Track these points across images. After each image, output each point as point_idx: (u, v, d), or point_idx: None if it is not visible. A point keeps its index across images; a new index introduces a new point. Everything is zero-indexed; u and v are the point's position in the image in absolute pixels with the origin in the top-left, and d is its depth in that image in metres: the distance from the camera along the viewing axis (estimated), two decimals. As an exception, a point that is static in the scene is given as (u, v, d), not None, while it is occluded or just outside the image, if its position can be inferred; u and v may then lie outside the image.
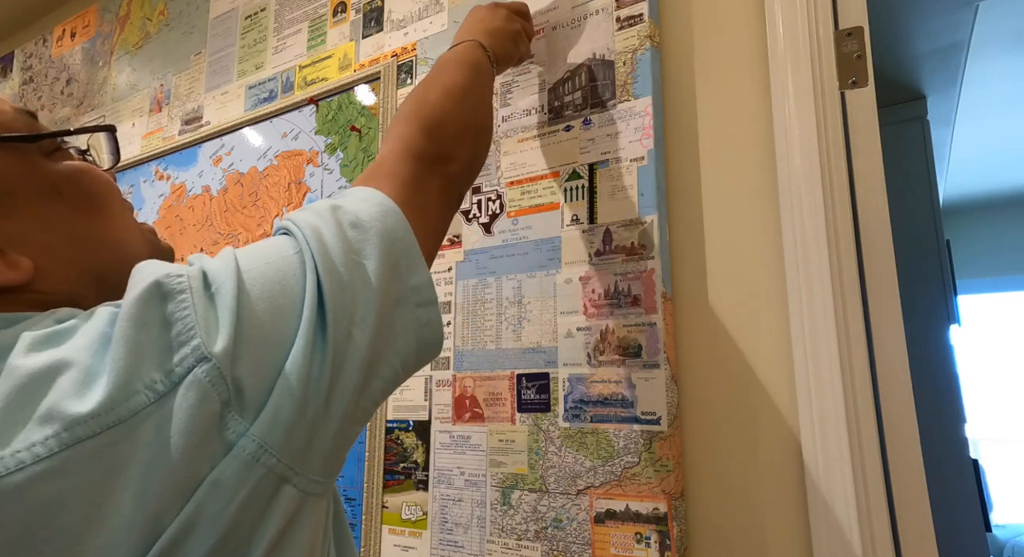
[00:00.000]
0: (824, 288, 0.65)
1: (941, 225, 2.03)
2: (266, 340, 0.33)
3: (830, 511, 0.61)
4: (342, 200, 0.43)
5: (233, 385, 0.31)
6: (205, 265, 0.35)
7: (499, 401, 0.80)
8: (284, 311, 0.35)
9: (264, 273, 0.36)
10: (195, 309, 0.32)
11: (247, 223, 1.14)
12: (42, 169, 0.40)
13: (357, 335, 0.37)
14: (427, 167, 0.50)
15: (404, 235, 0.42)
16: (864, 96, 0.68)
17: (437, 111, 0.54)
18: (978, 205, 3.58)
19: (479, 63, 0.64)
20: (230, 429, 0.31)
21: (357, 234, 0.40)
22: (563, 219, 0.79)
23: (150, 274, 0.33)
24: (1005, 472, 3.48)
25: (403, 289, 0.41)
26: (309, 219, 0.40)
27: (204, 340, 0.31)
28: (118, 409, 0.29)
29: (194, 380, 0.30)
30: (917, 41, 1.80)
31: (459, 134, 0.55)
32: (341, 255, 0.38)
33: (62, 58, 1.64)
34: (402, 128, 0.53)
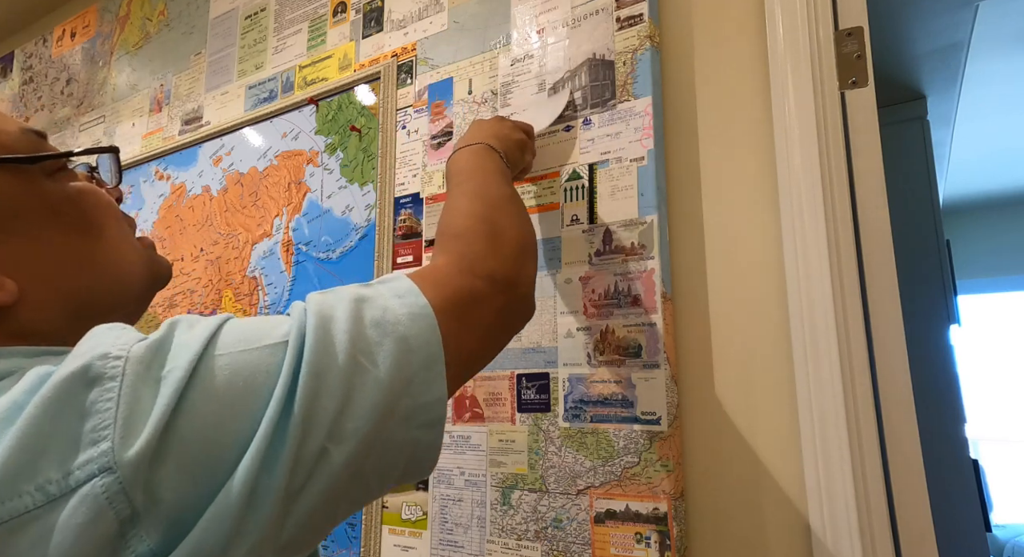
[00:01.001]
0: (824, 288, 0.65)
1: (941, 225, 2.03)
2: (206, 446, 0.28)
3: (830, 511, 0.61)
4: (373, 290, 0.39)
5: (146, 496, 0.27)
6: (174, 338, 0.31)
7: (499, 401, 0.80)
8: (238, 412, 0.29)
9: (233, 362, 0.31)
10: (119, 402, 0.28)
11: (247, 223, 1.14)
12: (42, 190, 0.39)
13: (334, 453, 0.31)
14: (493, 288, 0.45)
15: (429, 344, 0.37)
16: (864, 96, 0.68)
17: (494, 226, 0.50)
18: (978, 205, 3.58)
19: (501, 168, 0.61)
20: (130, 549, 0.27)
21: (375, 334, 0.35)
22: (563, 219, 0.79)
23: (88, 350, 0.29)
24: (1005, 472, 3.48)
25: (412, 406, 0.35)
26: (324, 306, 0.35)
27: (116, 444, 0.27)
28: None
29: (89, 493, 0.26)
30: (917, 41, 1.80)
31: (521, 250, 0.51)
32: (345, 355, 0.33)
33: (62, 58, 1.64)
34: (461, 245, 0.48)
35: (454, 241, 0.49)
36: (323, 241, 1.02)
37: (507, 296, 0.47)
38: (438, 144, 0.92)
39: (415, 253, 0.91)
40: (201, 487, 0.28)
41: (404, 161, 0.95)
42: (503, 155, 0.64)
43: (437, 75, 0.94)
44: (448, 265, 0.45)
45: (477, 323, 0.43)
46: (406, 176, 0.94)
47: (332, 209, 1.02)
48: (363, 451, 0.33)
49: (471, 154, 0.62)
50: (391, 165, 0.96)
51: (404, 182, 0.94)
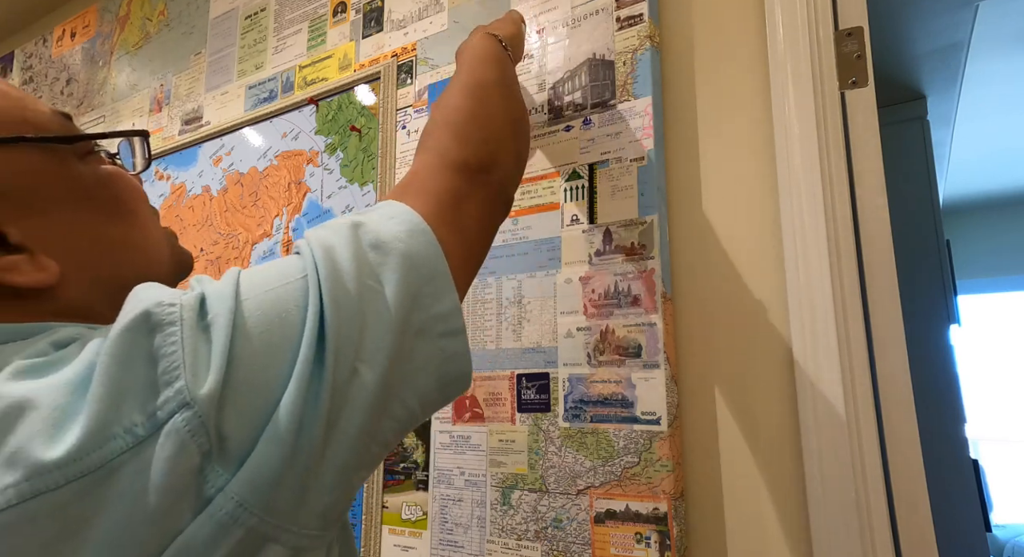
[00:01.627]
0: (824, 288, 0.65)
1: (941, 225, 2.03)
2: (257, 382, 0.30)
3: (830, 511, 0.61)
4: (365, 216, 0.40)
5: (216, 434, 0.28)
6: (206, 290, 0.32)
7: (499, 401, 0.80)
8: (279, 348, 0.31)
9: (263, 302, 0.32)
10: (183, 344, 0.29)
11: (247, 223, 1.14)
12: (76, 172, 0.40)
13: (365, 372, 0.33)
14: (468, 178, 0.46)
15: (431, 257, 0.38)
16: (864, 96, 0.68)
17: (468, 115, 0.50)
18: (978, 205, 3.58)
19: (496, 54, 0.59)
20: (209, 483, 0.28)
21: (376, 256, 0.36)
22: (563, 219, 0.79)
23: (141, 301, 0.31)
24: (1005, 472, 3.48)
25: (425, 318, 0.37)
26: (324, 237, 0.37)
27: (189, 382, 0.28)
28: (89, 457, 0.26)
29: (173, 429, 0.27)
30: (917, 41, 1.80)
31: (497, 135, 0.50)
32: (354, 280, 0.34)
33: (62, 58, 1.64)
34: (435, 139, 0.49)
35: (429, 137, 0.49)
36: (323, 241, 1.02)
37: (485, 185, 0.47)
38: (438, 144, 0.92)
39: (415, 253, 0.91)
40: (256, 420, 0.29)
41: (404, 161, 0.95)
42: (503, 40, 0.63)
43: (437, 75, 0.94)
44: (424, 166, 0.46)
45: (467, 222, 0.44)
46: (406, 176, 0.94)
47: (332, 209, 1.02)
48: (390, 365, 0.34)
49: (469, 45, 0.61)
50: (391, 165, 0.96)
51: (404, 182, 0.94)
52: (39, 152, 0.38)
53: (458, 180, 0.45)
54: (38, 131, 0.38)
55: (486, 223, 0.47)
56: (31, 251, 0.36)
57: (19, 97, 0.39)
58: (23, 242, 0.36)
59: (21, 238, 0.36)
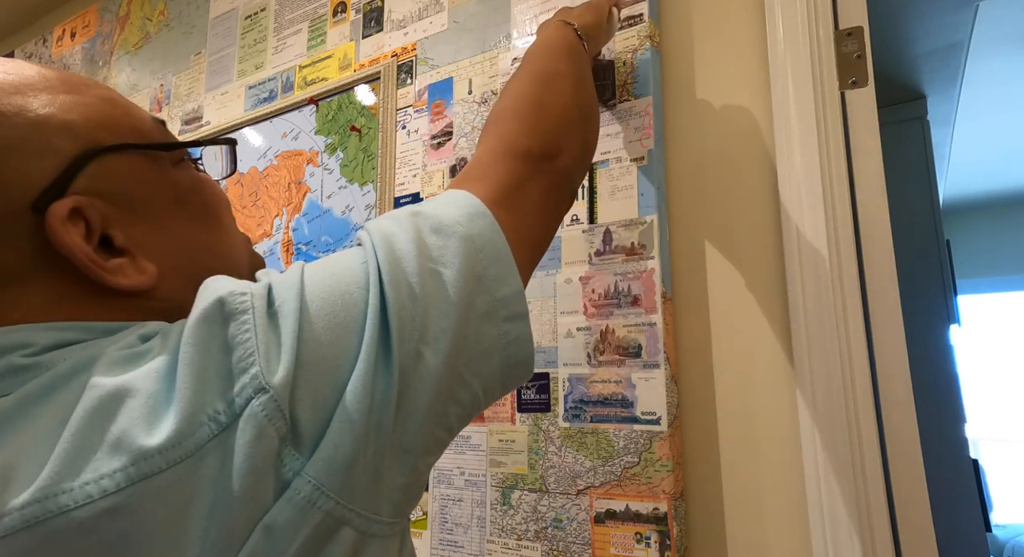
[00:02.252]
0: (824, 288, 0.65)
1: (941, 225, 2.03)
2: (325, 365, 0.31)
3: (830, 511, 0.61)
4: (425, 205, 0.40)
5: (291, 417, 0.29)
6: (272, 280, 0.33)
7: (499, 401, 0.80)
8: (345, 330, 0.32)
9: (326, 288, 0.33)
10: (256, 331, 0.30)
11: (247, 223, 1.14)
12: (172, 178, 0.41)
13: (428, 355, 0.33)
14: (532, 166, 0.45)
15: (493, 240, 0.38)
16: (864, 96, 0.68)
17: (535, 102, 0.49)
18: (978, 205, 3.58)
19: (569, 44, 0.58)
20: (286, 467, 0.29)
21: (437, 240, 0.36)
22: (563, 219, 0.79)
23: (214, 291, 0.32)
24: (1005, 472, 3.48)
25: (490, 301, 0.37)
26: (383, 225, 0.37)
27: (263, 368, 0.29)
28: (185, 443, 0.28)
29: (252, 414, 0.28)
30: (917, 41, 1.80)
31: (565, 123, 0.50)
32: (415, 263, 0.35)
33: (62, 58, 1.64)
34: (499, 126, 0.48)
35: (494, 125, 0.49)
36: (323, 241, 1.02)
37: (549, 173, 0.46)
38: (438, 144, 0.92)
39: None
40: (327, 402, 0.30)
41: (404, 161, 0.95)
42: (578, 29, 0.61)
43: (437, 75, 0.94)
44: (487, 152, 0.46)
45: (528, 208, 0.43)
46: (406, 176, 0.94)
47: (332, 209, 1.02)
48: (454, 349, 0.34)
49: (542, 35, 0.60)
50: (391, 165, 0.96)
51: (404, 182, 0.94)
52: (142, 159, 0.39)
53: (521, 167, 0.45)
54: (142, 138, 0.39)
55: (551, 210, 0.47)
56: (132, 254, 0.37)
57: (126, 105, 0.40)
58: (126, 245, 0.37)
59: (125, 241, 0.37)
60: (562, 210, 0.49)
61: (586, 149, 0.53)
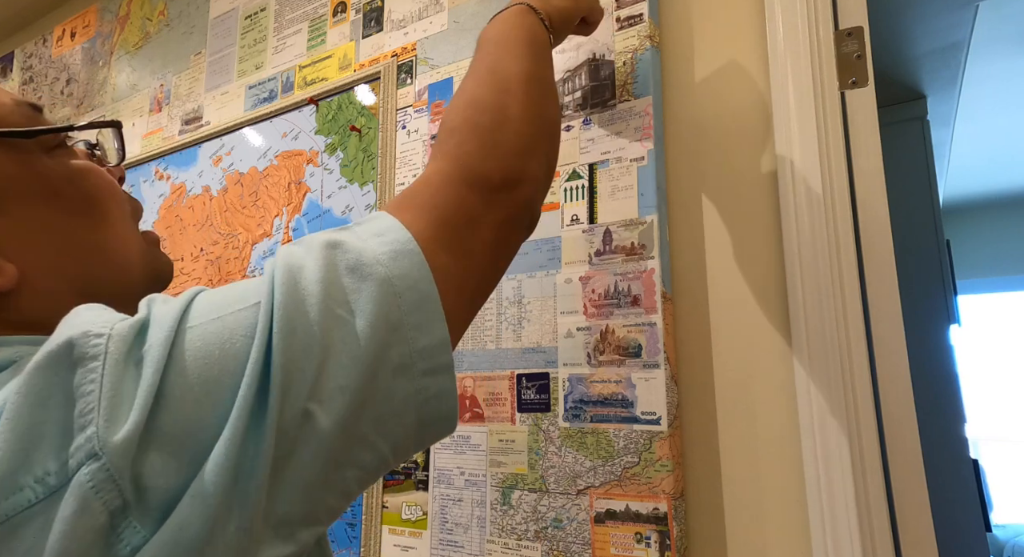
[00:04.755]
0: (824, 288, 0.65)
1: (941, 225, 2.03)
2: (185, 428, 0.26)
3: (830, 511, 0.61)
4: (350, 232, 0.35)
5: (134, 486, 0.25)
6: (152, 314, 0.29)
7: (499, 401, 0.80)
8: (217, 385, 0.27)
9: (208, 332, 0.28)
10: (103, 383, 0.26)
11: (247, 223, 1.14)
12: (40, 168, 0.37)
13: (320, 415, 0.29)
14: (488, 198, 0.40)
15: (418, 283, 0.33)
16: (864, 96, 0.68)
17: (497, 116, 0.43)
18: (978, 205, 3.58)
19: (532, 35, 0.50)
20: (124, 542, 0.24)
21: (351, 281, 0.32)
22: (563, 219, 0.79)
23: (68, 329, 0.27)
24: (1005, 472, 3.48)
25: (407, 353, 0.32)
26: (294, 256, 0.32)
27: (100, 428, 0.25)
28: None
29: (78, 483, 0.24)
30: (917, 41, 1.80)
31: (528, 141, 0.43)
32: (318, 308, 0.30)
33: (62, 58, 1.64)
34: (453, 143, 0.42)
35: (447, 140, 0.43)
36: (323, 241, 1.02)
37: (507, 206, 0.40)
38: (438, 144, 0.92)
39: (415, 253, 0.91)
40: (189, 467, 0.26)
41: (404, 161, 0.95)
42: (544, 16, 0.53)
43: (437, 75, 0.94)
44: (436, 174, 0.40)
45: (476, 247, 0.38)
46: (406, 176, 0.94)
47: (332, 209, 1.02)
48: (354, 409, 0.30)
49: (502, 19, 0.52)
50: (391, 165, 0.96)
51: (404, 182, 0.94)
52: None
53: (474, 200, 0.39)
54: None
55: (501, 249, 0.41)
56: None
57: None
58: None
59: None
60: (517, 244, 0.43)
61: (550, 170, 0.46)
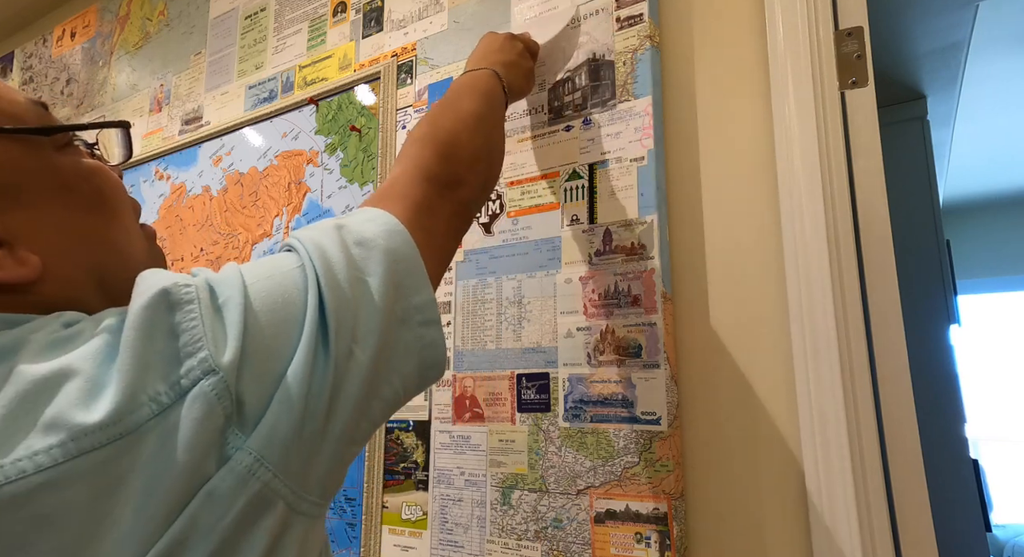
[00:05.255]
0: (824, 288, 0.65)
1: (941, 225, 2.03)
2: (268, 353, 0.33)
3: (830, 511, 0.61)
4: (346, 220, 0.43)
5: (236, 399, 0.31)
6: (210, 278, 0.35)
7: (499, 401, 0.80)
8: (287, 324, 0.34)
9: (267, 287, 0.35)
10: (203, 320, 0.32)
11: (247, 223, 1.14)
12: (54, 164, 0.39)
13: (359, 352, 0.36)
14: (439, 191, 0.50)
15: (409, 254, 0.42)
16: (864, 96, 0.68)
17: (452, 137, 0.55)
18: (978, 205, 3.58)
19: (494, 92, 0.64)
20: (229, 442, 0.31)
21: (361, 251, 0.40)
22: (563, 219, 0.79)
23: (157, 282, 0.33)
24: (1005, 472, 3.48)
25: (406, 308, 0.40)
26: (313, 235, 0.40)
27: (212, 352, 0.31)
28: (124, 421, 0.29)
29: (200, 393, 0.30)
30: (917, 41, 1.80)
31: (472, 160, 0.55)
32: (344, 271, 0.38)
33: (62, 58, 1.64)
34: (416, 150, 0.53)
35: (412, 148, 0.53)
36: (323, 241, 1.02)
37: (452, 201, 0.51)
38: (438, 144, 0.92)
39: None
40: (270, 386, 0.32)
41: (404, 161, 0.95)
42: (505, 84, 0.67)
43: (437, 75, 0.94)
44: (403, 174, 0.50)
45: (438, 228, 0.48)
46: (406, 176, 0.94)
47: (332, 209, 1.02)
48: (380, 349, 0.37)
49: (471, 77, 0.64)
50: (391, 165, 0.96)
51: (404, 182, 0.94)
52: (16, 143, 0.37)
53: (430, 191, 0.49)
54: (14, 122, 0.38)
55: (453, 233, 0.52)
56: (11, 245, 0.36)
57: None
58: (3, 236, 0.36)
59: (2, 232, 0.36)
60: (461, 234, 0.54)
61: (486, 185, 0.58)
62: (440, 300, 0.87)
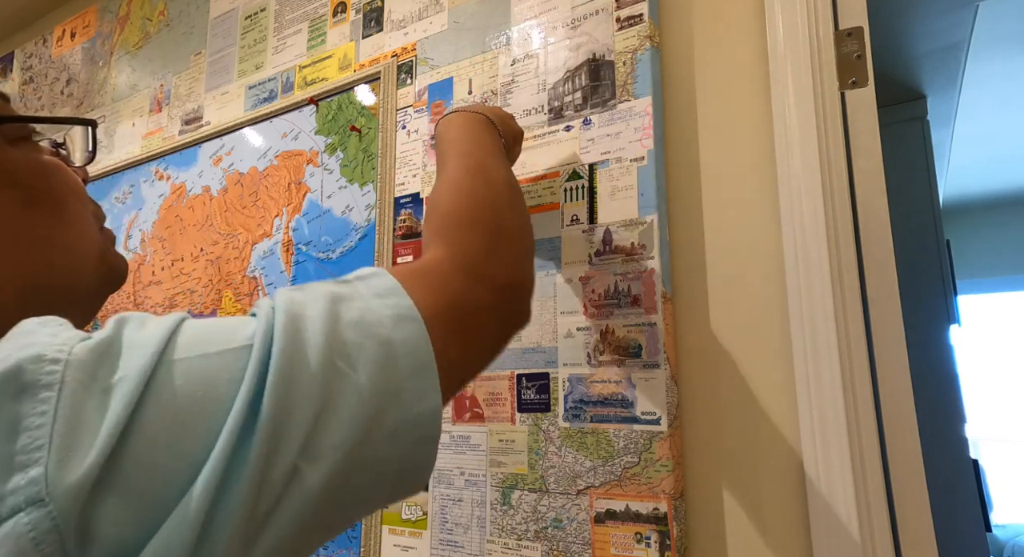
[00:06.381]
0: (824, 288, 0.65)
1: (941, 225, 2.03)
2: (153, 469, 0.24)
3: (830, 511, 0.61)
4: (351, 287, 0.34)
5: (79, 534, 0.22)
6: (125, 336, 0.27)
7: (499, 401, 0.80)
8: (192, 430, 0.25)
9: (193, 368, 0.26)
10: (56, 415, 0.23)
11: (247, 223, 1.14)
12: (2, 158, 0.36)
13: (309, 473, 0.27)
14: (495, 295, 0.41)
15: (418, 350, 0.32)
16: (864, 96, 0.68)
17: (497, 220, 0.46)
18: (978, 205, 3.58)
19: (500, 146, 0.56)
20: None
21: (354, 335, 0.30)
22: (563, 219, 0.79)
23: (17, 349, 0.25)
24: (1005, 472, 3.48)
25: (403, 419, 0.31)
26: (297, 299, 0.31)
27: (49, 469, 0.22)
28: None
29: (12, 532, 0.21)
30: (917, 41, 1.80)
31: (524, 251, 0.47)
32: (320, 359, 0.28)
33: (62, 58, 1.64)
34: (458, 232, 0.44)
35: (454, 229, 0.44)
36: (323, 241, 1.02)
37: (510, 305, 0.42)
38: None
39: (415, 253, 0.91)
40: (148, 519, 0.24)
41: (404, 161, 0.95)
42: (502, 135, 0.60)
43: (437, 75, 0.94)
44: (446, 262, 0.41)
45: (476, 333, 0.38)
46: (406, 176, 0.94)
47: (332, 209, 1.02)
48: (344, 470, 0.28)
49: (468, 121, 0.57)
50: (391, 165, 0.96)
51: (404, 182, 0.94)
52: None
53: (482, 293, 0.40)
54: None
55: (500, 342, 0.42)
56: None
57: None
58: None
59: None
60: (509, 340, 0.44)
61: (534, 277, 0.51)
62: (440, 300, 0.87)
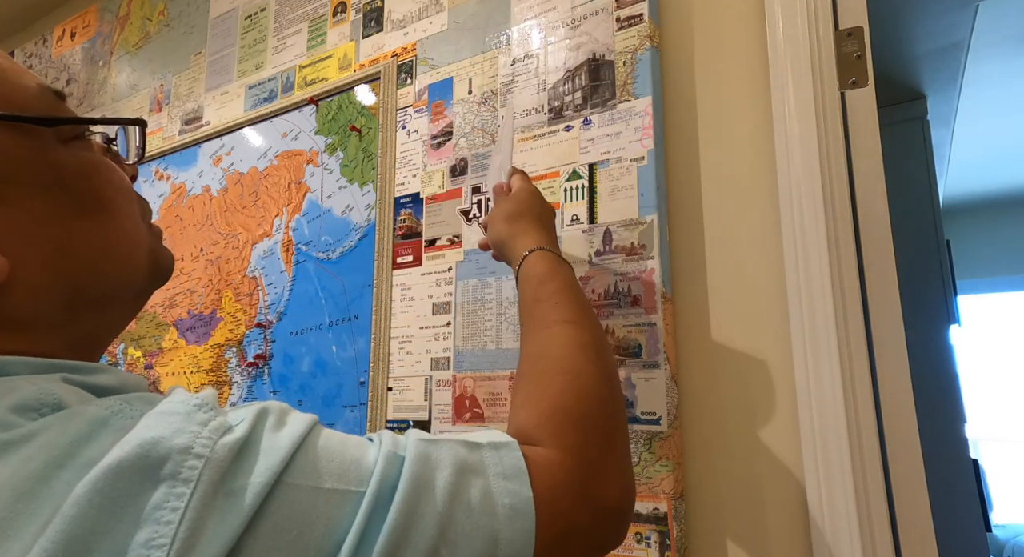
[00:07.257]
0: (824, 288, 0.65)
1: (941, 225, 2.03)
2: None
3: (830, 511, 0.61)
4: (482, 457, 0.35)
5: None
6: (265, 440, 0.28)
7: (499, 401, 0.80)
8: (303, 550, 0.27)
9: (299, 501, 0.28)
10: (186, 515, 0.24)
11: (247, 223, 1.14)
12: (51, 158, 0.35)
13: None
14: (596, 517, 0.39)
15: (520, 550, 0.33)
16: (864, 96, 0.68)
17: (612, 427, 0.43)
18: (978, 205, 3.58)
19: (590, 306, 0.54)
20: None
21: (467, 522, 0.32)
22: (563, 219, 0.79)
23: (171, 433, 0.26)
24: (1005, 472, 3.48)
25: None
26: (429, 462, 0.32)
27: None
28: None
29: None
30: (917, 41, 1.80)
31: (628, 454, 0.44)
32: (427, 545, 0.30)
33: (62, 58, 1.64)
34: (578, 437, 0.41)
35: (568, 429, 0.41)
36: (323, 241, 1.02)
37: (607, 531, 0.40)
38: (438, 144, 0.92)
39: (415, 253, 0.91)
40: None
41: (404, 161, 0.95)
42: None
43: (437, 75, 0.94)
44: (561, 470, 0.38)
45: (571, 552, 0.37)
46: (406, 176, 0.94)
47: (332, 209, 1.02)
48: None
49: (551, 264, 0.55)
50: (391, 165, 0.96)
51: (404, 182, 0.94)
52: (10, 132, 0.33)
53: (585, 515, 0.38)
54: (13, 108, 0.34)
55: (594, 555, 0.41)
56: None
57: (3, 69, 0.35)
58: None
59: None
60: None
61: None
62: (440, 300, 0.87)
